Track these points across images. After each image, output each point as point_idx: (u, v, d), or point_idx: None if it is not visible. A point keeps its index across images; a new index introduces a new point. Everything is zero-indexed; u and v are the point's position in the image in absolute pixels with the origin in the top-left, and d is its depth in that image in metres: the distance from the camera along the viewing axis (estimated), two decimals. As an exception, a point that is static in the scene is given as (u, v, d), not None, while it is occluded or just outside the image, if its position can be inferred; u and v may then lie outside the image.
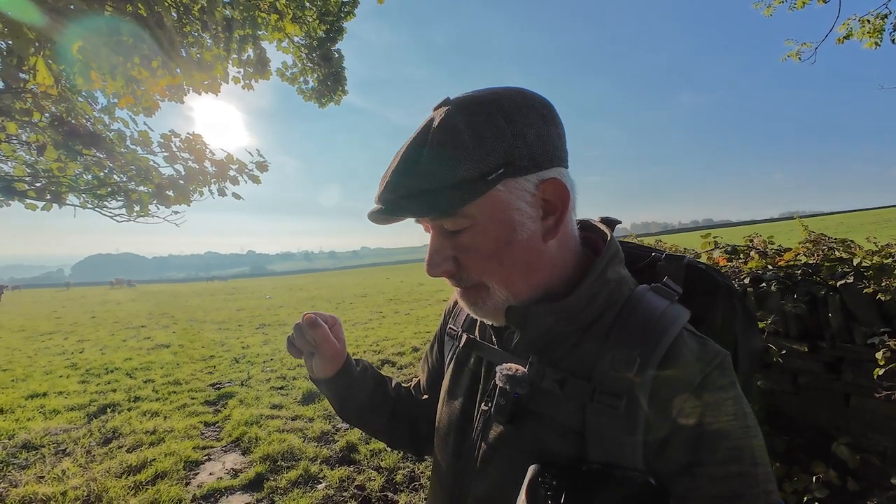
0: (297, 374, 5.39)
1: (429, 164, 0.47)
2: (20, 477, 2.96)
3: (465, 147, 0.47)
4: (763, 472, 0.44)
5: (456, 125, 0.48)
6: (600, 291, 0.54)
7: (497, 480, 0.54)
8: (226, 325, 10.69)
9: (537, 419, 0.52)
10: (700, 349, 0.49)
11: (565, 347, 0.53)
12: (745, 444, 0.45)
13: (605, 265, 0.55)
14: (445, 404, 0.66)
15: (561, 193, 0.52)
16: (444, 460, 0.63)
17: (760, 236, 2.84)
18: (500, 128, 0.48)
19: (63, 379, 5.62)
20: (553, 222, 0.52)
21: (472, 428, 0.59)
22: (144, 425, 3.83)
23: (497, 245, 0.51)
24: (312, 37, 4.47)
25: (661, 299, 0.52)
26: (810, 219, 44.58)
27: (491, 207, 0.49)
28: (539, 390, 0.52)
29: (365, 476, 2.81)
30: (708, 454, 0.44)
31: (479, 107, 0.49)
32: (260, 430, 3.61)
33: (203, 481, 2.88)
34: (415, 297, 13.99)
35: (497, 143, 0.47)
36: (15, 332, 10.73)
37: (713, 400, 0.46)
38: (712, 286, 0.61)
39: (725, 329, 0.60)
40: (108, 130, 3.36)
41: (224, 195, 3.91)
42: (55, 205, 3.38)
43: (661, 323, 0.49)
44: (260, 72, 4.07)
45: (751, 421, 0.46)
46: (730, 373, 0.48)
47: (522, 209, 0.50)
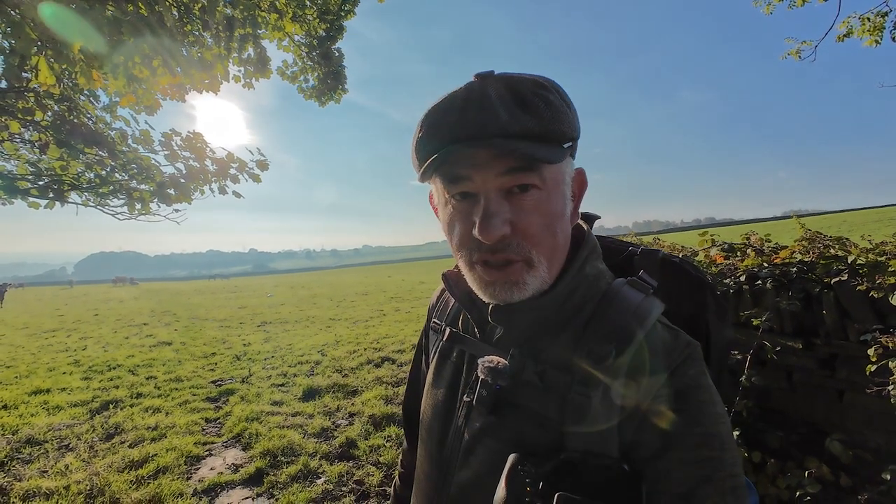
0: (297, 371, 5.42)
1: (546, 111, 0.47)
2: (24, 471, 3.00)
3: (566, 106, 0.49)
4: (731, 457, 0.46)
5: (553, 89, 0.49)
6: (579, 286, 0.56)
7: (479, 470, 0.55)
8: (227, 322, 10.75)
9: (518, 410, 0.53)
10: (672, 340, 0.51)
11: (546, 341, 0.55)
12: (715, 431, 0.46)
13: (584, 260, 0.57)
14: (429, 396, 0.67)
15: (583, 184, 0.56)
16: (428, 451, 0.64)
17: (757, 234, 2.85)
18: (570, 105, 0.51)
19: (66, 376, 5.67)
20: (572, 208, 0.55)
21: (455, 419, 0.60)
22: (146, 421, 3.87)
23: (556, 214, 0.51)
24: (313, 35, 4.49)
25: (636, 293, 0.54)
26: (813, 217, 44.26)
27: (558, 175, 0.51)
28: (520, 382, 0.53)
29: (364, 471, 2.83)
30: (679, 440, 0.46)
31: (551, 81, 0.50)
32: (260, 426, 3.64)
33: (204, 476, 2.91)
34: (416, 296, 14.03)
35: (573, 116, 0.50)
36: (19, 330, 10.81)
37: (683, 389, 0.48)
38: (685, 279, 0.63)
39: (697, 321, 0.61)
40: (109, 129, 3.39)
41: (225, 193, 3.94)
42: (58, 203, 3.42)
43: (635, 316, 0.51)
44: (260, 71, 4.09)
45: (720, 408, 0.48)
46: (699, 362, 0.50)
47: (569, 188, 0.54)
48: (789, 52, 4.94)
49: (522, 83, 0.48)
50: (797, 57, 4.91)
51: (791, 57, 5.61)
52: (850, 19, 4.43)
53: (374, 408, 3.83)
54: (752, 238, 2.86)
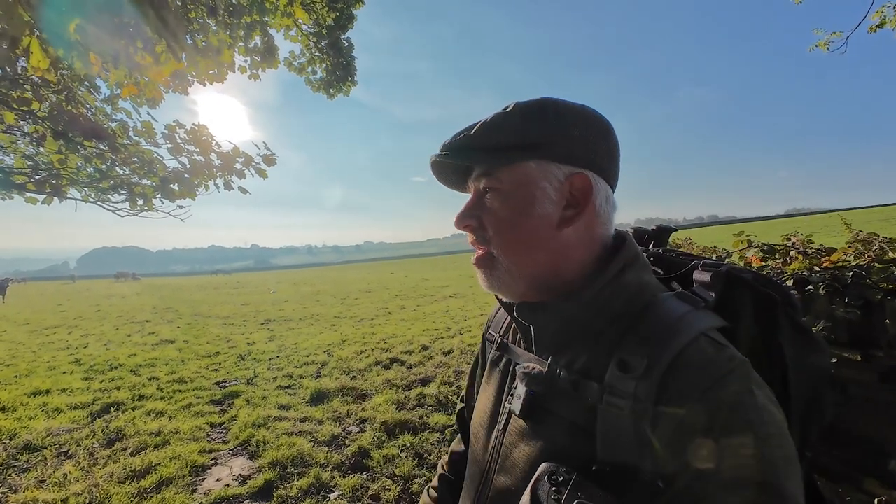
0: (304, 372, 5.27)
1: (481, 128, 0.57)
2: (20, 481, 2.85)
3: (513, 122, 0.56)
4: (788, 484, 0.41)
5: (514, 109, 0.57)
6: (618, 295, 0.56)
7: (515, 475, 0.56)
8: (230, 320, 10.61)
9: (552, 417, 0.54)
10: (714, 355, 0.48)
11: (581, 349, 0.55)
12: (763, 453, 0.42)
13: (621, 269, 0.57)
14: (479, 403, 0.71)
15: (585, 189, 0.56)
16: (475, 454, 0.66)
17: (800, 234, 2.67)
18: (547, 118, 0.56)
19: (66, 375, 5.52)
20: (572, 214, 0.57)
21: (497, 424, 0.63)
22: (149, 426, 3.72)
23: (513, 213, 0.57)
24: (321, 25, 4.30)
25: (682, 305, 0.53)
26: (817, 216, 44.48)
27: (519, 177, 0.56)
28: (555, 390, 0.55)
29: (379, 485, 2.67)
30: (720, 461, 0.43)
31: (537, 103, 0.57)
32: (268, 432, 3.48)
33: (210, 488, 2.76)
34: (420, 293, 13.86)
35: (539, 126, 0.55)
36: (20, 326, 10.69)
37: (722, 405, 0.44)
38: (751, 296, 0.58)
39: (769, 343, 0.56)
40: (109, 120, 3.21)
41: (230, 189, 3.77)
42: (56, 198, 3.26)
43: (675, 327, 0.50)
44: (268, 60, 3.90)
45: (773, 430, 0.44)
46: (745, 380, 0.46)
47: (546, 190, 0.56)
48: (818, 44, 4.74)
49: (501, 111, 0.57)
50: (826, 48, 4.71)
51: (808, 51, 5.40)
52: (884, 9, 4.24)
53: (386, 413, 3.67)
54: (794, 239, 2.68)
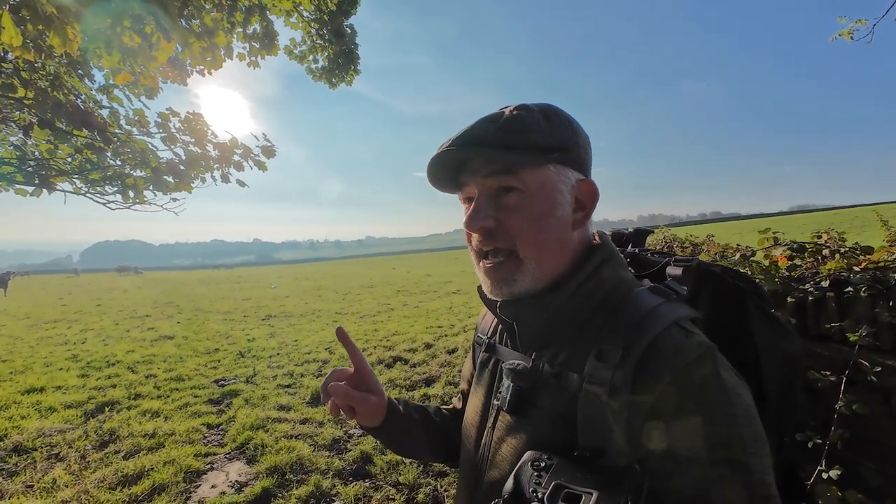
0: (304, 371, 5.14)
1: (510, 124, 0.56)
2: (7, 486, 2.72)
3: (538, 123, 0.57)
4: (754, 461, 0.44)
5: (531, 108, 0.58)
6: (596, 290, 0.58)
7: (504, 467, 0.57)
8: (231, 315, 10.50)
9: (537, 410, 0.56)
10: (684, 341, 0.50)
11: (562, 344, 0.57)
12: (731, 432, 0.45)
13: (598, 266, 0.59)
14: (470, 402, 0.73)
15: (592, 194, 0.60)
16: (467, 452, 0.68)
17: (832, 231, 2.50)
18: (565, 122, 0.59)
19: (63, 372, 5.40)
20: (581, 217, 0.60)
21: (487, 422, 0.65)
22: (144, 427, 3.59)
23: (540, 213, 0.57)
24: (323, 10, 4.11)
25: (655, 298, 0.55)
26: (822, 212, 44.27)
27: (542, 179, 0.58)
28: (539, 384, 0.57)
29: (383, 494, 2.54)
30: (690, 440, 0.45)
31: (548, 106, 0.60)
32: (266, 435, 3.35)
33: (204, 496, 2.62)
34: (423, 289, 13.71)
35: (562, 130, 0.58)
36: (20, 320, 10.61)
37: (692, 388, 0.47)
38: (720, 287, 0.62)
39: (737, 331, 0.60)
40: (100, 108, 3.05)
41: (228, 182, 3.61)
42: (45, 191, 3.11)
43: (648, 318, 0.52)
44: (267, 47, 3.73)
45: (739, 410, 0.46)
46: (713, 363, 0.49)
47: (563, 193, 0.59)
48: (841, 33, 4.53)
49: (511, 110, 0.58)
50: (849, 38, 4.50)
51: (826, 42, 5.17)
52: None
53: (390, 416, 3.53)
54: (825, 237, 2.51)
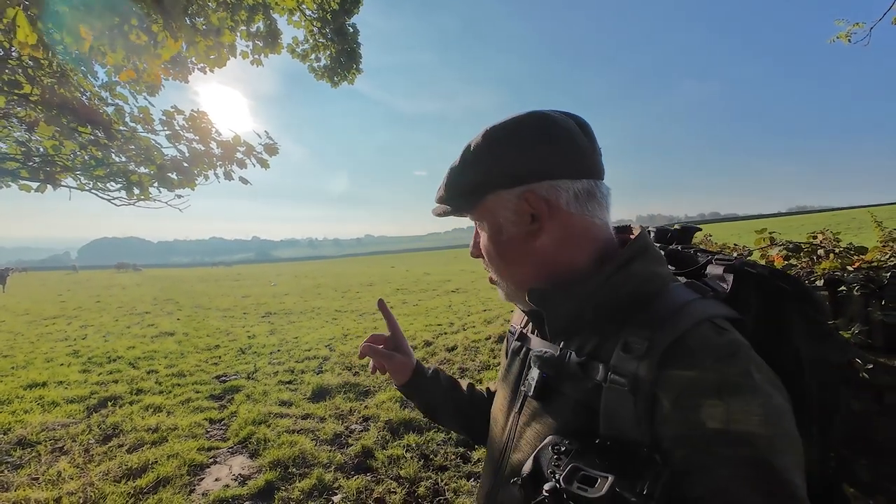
0: (305, 367, 5.18)
1: (446, 183, 0.65)
2: (13, 478, 2.76)
3: (464, 170, 0.63)
4: (783, 461, 0.43)
5: (463, 155, 0.63)
6: (625, 283, 0.57)
7: (527, 451, 0.59)
8: (231, 312, 10.52)
9: (561, 397, 0.58)
10: (715, 338, 0.49)
11: (590, 334, 0.58)
12: (757, 430, 0.44)
13: (629, 259, 0.58)
14: (499, 390, 0.76)
15: (537, 203, 0.59)
16: (494, 436, 0.71)
17: (828, 232, 2.55)
18: (482, 157, 0.61)
19: (64, 367, 5.43)
20: (536, 227, 0.60)
21: (514, 408, 0.67)
22: (146, 421, 3.63)
23: (489, 242, 0.65)
24: (325, 9, 4.14)
25: (689, 293, 0.55)
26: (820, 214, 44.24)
27: (484, 213, 0.63)
28: (565, 372, 0.58)
29: (384, 487, 2.58)
30: (714, 436, 0.45)
31: (479, 141, 0.62)
32: (268, 429, 3.39)
33: (208, 489, 2.66)
34: (422, 288, 13.74)
35: (481, 166, 0.61)
36: (20, 316, 10.62)
37: (719, 384, 0.46)
38: (763, 289, 0.59)
39: (780, 336, 0.57)
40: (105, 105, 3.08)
41: (231, 179, 3.64)
42: (50, 186, 3.13)
43: (679, 312, 0.51)
44: (270, 45, 3.76)
45: (768, 409, 0.45)
46: (742, 361, 0.48)
47: (506, 216, 0.61)
48: (838, 36, 4.57)
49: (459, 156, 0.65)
50: (847, 40, 4.54)
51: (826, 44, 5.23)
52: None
53: (390, 412, 3.57)
54: (821, 237, 2.55)
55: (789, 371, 0.53)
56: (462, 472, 2.72)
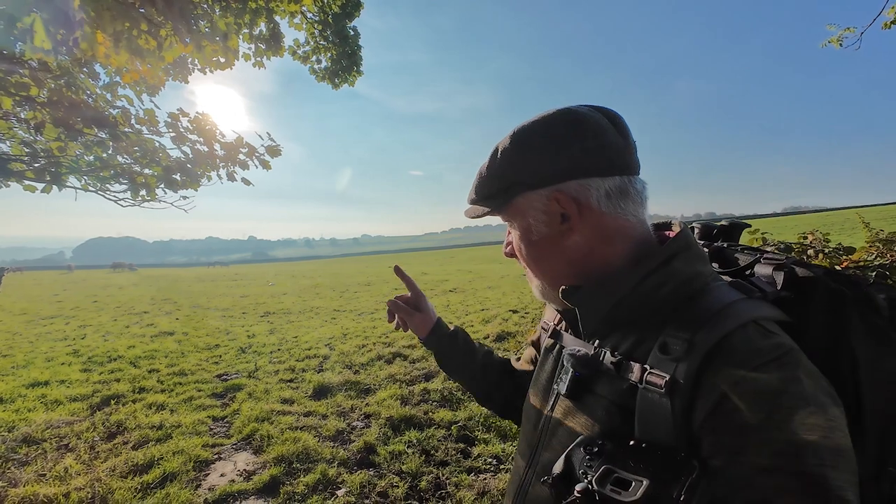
0: (305, 366, 5.23)
1: (478, 183, 0.67)
2: (20, 475, 2.80)
3: (493, 171, 0.64)
4: (835, 476, 0.40)
5: (493, 155, 0.65)
6: (665, 282, 0.56)
7: (558, 450, 0.58)
8: (230, 312, 10.54)
9: (595, 397, 0.57)
10: (761, 341, 0.47)
11: (626, 333, 0.57)
12: (805, 441, 0.41)
13: (669, 258, 0.57)
14: (532, 387, 0.75)
15: (567, 203, 0.59)
16: (526, 433, 0.71)
17: (817, 232, 2.63)
18: (510, 159, 0.62)
19: (65, 367, 5.46)
20: (566, 227, 0.60)
21: (547, 405, 0.67)
22: (150, 419, 3.67)
23: (520, 241, 0.66)
24: (327, 12, 4.20)
25: (734, 293, 0.53)
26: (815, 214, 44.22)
27: (515, 213, 0.64)
28: (599, 371, 0.57)
29: (387, 482, 2.64)
30: (758, 445, 0.42)
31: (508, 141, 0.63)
32: (271, 426, 3.44)
33: (214, 484, 2.72)
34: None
35: (513, 166, 0.62)
36: (16, 316, 10.59)
37: (764, 390, 0.44)
38: (817, 291, 0.55)
39: (835, 343, 0.52)
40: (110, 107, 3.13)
41: (233, 180, 3.70)
42: (55, 187, 3.18)
43: (722, 313, 0.50)
44: (273, 48, 3.81)
45: (819, 420, 0.42)
46: (791, 366, 0.45)
47: (536, 216, 0.62)
48: (830, 40, 4.66)
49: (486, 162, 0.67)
50: (838, 45, 4.64)
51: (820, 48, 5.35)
52: (900, 4, 4.16)
53: (391, 409, 3.63)
54: (811, 237, 2.63)
55: (844, 378, 0.50)
56: (463, 466, 2.79)
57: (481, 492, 2.51)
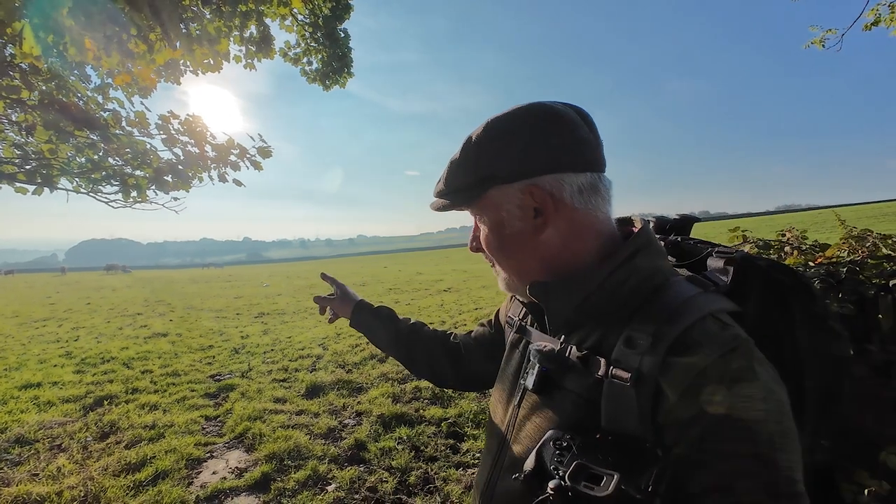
0: (298, 366, 5.26)
1: (447, 176, 0.66)
2: (13, 475, 2.82)
3: (466, 163, 0.63)
4: (782, 458, 0.44)
5: (465, 146, 0.63)
6: (628, 278, 0.57)
7: (526, 444, 0.60)
8: (223, 313, 10.54)
9: (562, 391, 0.58)
10: (719, 333, 0.50)
11: (592, 328, 0.58)
12: (760, 427, 0.44)
13: (632, 253, 0.58)
14: (498, 382, 0.76)
15: (541, 197, 0.59)
16: (493, 428, 0.72)
17: (795, 230, 2.70)
18: (484, 149, 0.61)
19: (58, 368, 5.46)
20: (541, 221, 0.60)
21: (513, 400, 0.67)
22: (143, 419, 3.70)
23: (491, 236, 0.65)
24: (317, 14, 4.23)
25: (692, 287, 0.55)
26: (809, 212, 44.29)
27: (486, 207, 0.63)
28: (566, 366, 0.58)
29: (376, 477, 2.68)
30: (716, 431, 0.45)
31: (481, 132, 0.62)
32: (263, 425, 3.48)
33: (206, 481, 2.75)
34: (414, 287, 13.85)
35: (486, 158, 0.61)
36: (8, 319, 10.53)
37: (723, 380, 0.46)
38: (762, 282, 0.59)
39: (780, 329, 0.57)
40: (101, 110, 3.15)
41: (225, 181, 3.72)
42: (47, 189, 3.19)
43: (682, 307, 0.52)
44: (263, 50, 3.85)
45: (770, 405, 0.46)
46: (746, 356, 0.48)
47: (510, 210, 0.61)
48: (813, 41, 4.76)
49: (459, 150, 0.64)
50: (821, 46, 4.73)
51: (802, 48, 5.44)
52: (878, 7, 4.26)
53: (382, 407, 3.68)
54: (788, 234, 2.70)
55: (787, 363, 0.53)
56: (451, 461, 2.84)
57: (468, 486, 2.56)
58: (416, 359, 1.04)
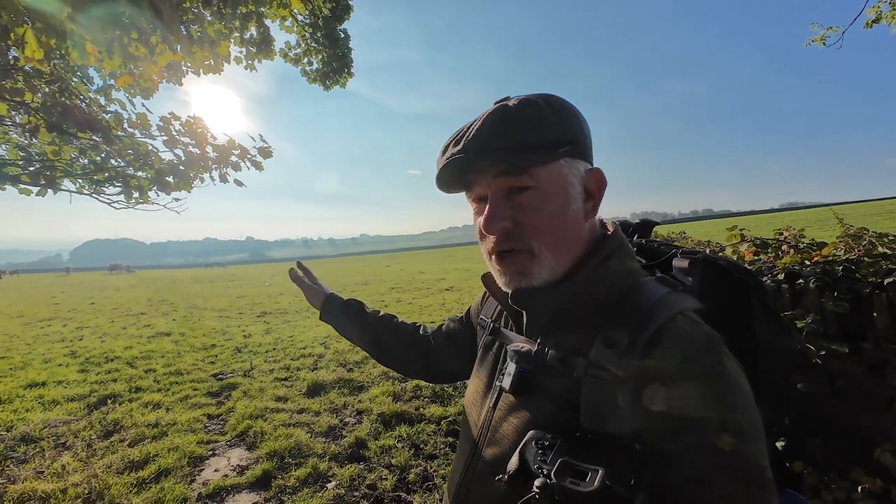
0: (300, 364, 5.29)
1: (518, 123, 0.55)
2: (18, 472, 2.87)
3: (546, 118, 0.56)
4: (752, 448, 0.46)
5: (537, 103, 0.56)
6: (603, 279, 0.58)
7: (504, 445, 0.59)
8: (226, 312, 10.59)
9: (540, 392, 0.58)
10: (691, 331, 0.52)
11: (569, 330, 0.58)
12: (732, 419, 0.46)
13: (608, 255, 0.60)
14: (471, 384, 0.75)
15: (601, 183, 0.60)
16: (466, 430, 0.71)
17: (792, 229, 2.71)
18: (570, 113, 0.58)
19: (62, 368, 5.51)
20: (591, 206, 0.60)
21: (488, 402, 0.66)
22: (146, 417, 3.74)
23: (555, 210, 0.57)
24: (317, 15, 4.26)
25: (662, 288, 0.56)
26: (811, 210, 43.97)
27: (555, 176, 0.57)
28: (544, 367, 0.58)
29: (376, 474, 2.71)
30: (692, 425, 0.47)
31: (551, 97, 0.58)
32: (265, 423, 3.51)
33: (208, 479, 2.78)
34: (416, 286, 13.89)
35: (570, 123, 0.57)
36: (13, 318, 10.63)
37: (697, 375, 0.49)
38: (725, 281, 0.63)
39: (741, 325, 0.61)
40: (103, 112, 3.18)
41: (226, 181, 3.75)
42: (50, 190, 3.23)
43: (654, 307, 0.53)
44: (264, 51, 3.87)
45: (740, 399, 0.48)
46: (716, 353, 0.51)
47: (575, 186, 0.58)
48: (813, 39, 4.75)
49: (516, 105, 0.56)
50: (821, 44, 4.72)
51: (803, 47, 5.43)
52: (880, 4, 4.25)
53: (383, 405, 3.71)
54: (786, 233, 2.71)
55: (745, 354, 0.56)
56: (450, 459, 2.86)
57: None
58: (385, 352, 1.03)
